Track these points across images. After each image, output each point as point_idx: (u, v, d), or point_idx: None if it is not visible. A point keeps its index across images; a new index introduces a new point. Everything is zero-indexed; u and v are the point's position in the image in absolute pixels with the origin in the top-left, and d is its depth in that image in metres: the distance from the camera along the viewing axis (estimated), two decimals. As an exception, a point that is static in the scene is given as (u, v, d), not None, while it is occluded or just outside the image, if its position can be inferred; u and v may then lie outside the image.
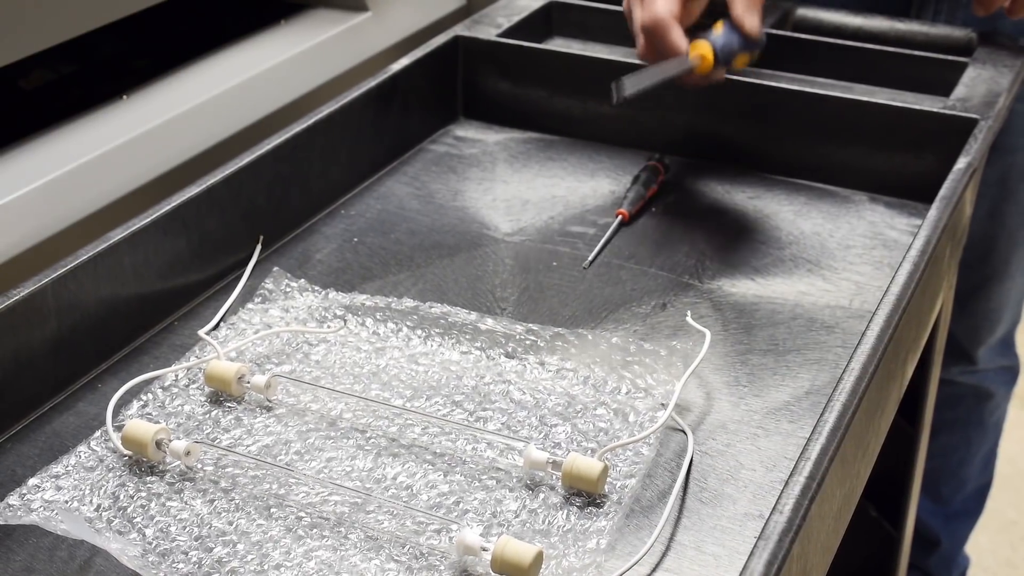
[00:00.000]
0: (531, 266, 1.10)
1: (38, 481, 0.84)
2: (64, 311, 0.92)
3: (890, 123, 1.19)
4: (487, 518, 0.81)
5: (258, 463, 0.85)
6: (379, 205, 1.19)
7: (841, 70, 1.34)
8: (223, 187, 1.05)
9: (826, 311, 1.03)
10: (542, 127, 1.33)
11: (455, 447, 0.87)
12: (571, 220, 1.17)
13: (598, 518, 0.81)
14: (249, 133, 1.29)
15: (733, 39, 1.14)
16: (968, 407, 1.75)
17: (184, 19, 1.48)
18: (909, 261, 0.95)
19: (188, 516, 0.81)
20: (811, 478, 0.74)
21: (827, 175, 1.22)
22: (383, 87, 1.23)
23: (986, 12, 1.28)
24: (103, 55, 1.49)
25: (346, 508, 0.81)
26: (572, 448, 0.87)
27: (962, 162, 1.09)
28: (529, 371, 0.95)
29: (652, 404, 0.91)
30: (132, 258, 0.97)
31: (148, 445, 0.84)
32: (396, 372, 0.95)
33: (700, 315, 1.02)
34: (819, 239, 1.14)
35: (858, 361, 0.84)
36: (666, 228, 1.16)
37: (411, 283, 1.07)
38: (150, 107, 1.27)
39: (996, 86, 1.23)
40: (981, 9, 1.28)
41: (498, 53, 1.33)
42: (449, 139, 1.32)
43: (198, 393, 0.92)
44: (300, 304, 1.02)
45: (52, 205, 1.11)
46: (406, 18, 1.55)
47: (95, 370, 0.95)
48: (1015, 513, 2.30)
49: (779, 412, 0.91)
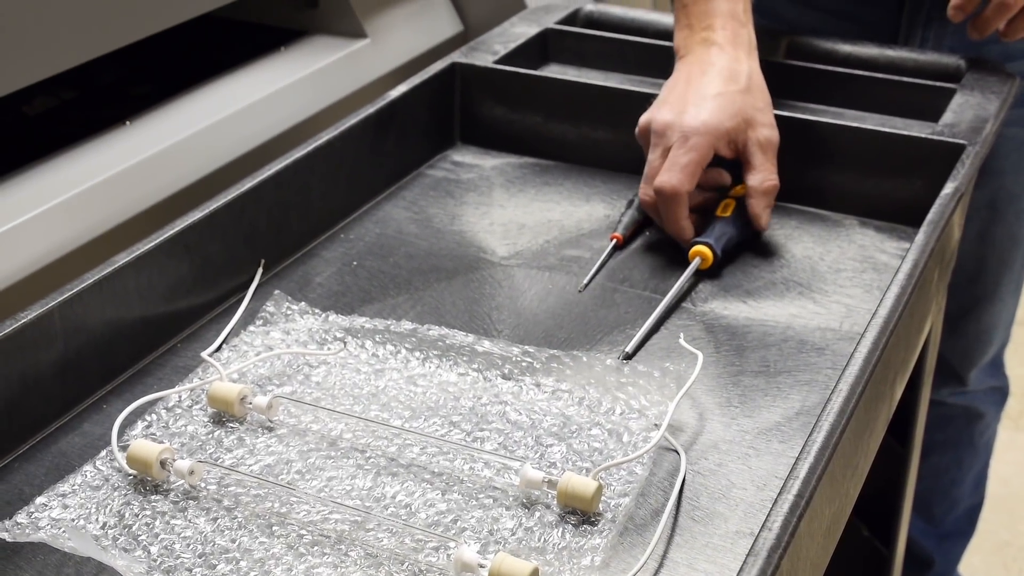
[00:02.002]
0: (527, 289, 1.12)
1: (45, 500, 0.85)
2: (70, 333, 0.93)
3: (880, 148, 1.21)
4: (484, 536, 0.83)
5: (260, 482, 0.86)
6: (378, 229, 1.21)
7: (832, 96, 1.36)
8: (225, 212, 1.07)
9: (816, 333, 1.05)
10: (538, 152, 1.34)
11: (453, 466, 0.89)
12: (566, 244, 1.19)
13: (593, 536, 0.83)
14: (250, 159, 1.31)
15: (731, 233, 1.15)
16: (959, 428, 1.77)
17: (185, 46, 1.50)
18: (897, 284, 0.97)
19: (192, 534, 0.82)
20: (799, 496, 0.76)
21: (818, 199, 1.24)
22: (382, 113, 1.25)
23: (981, 35, 1.30)
24: (105, 81, 1.50)
25: (346, 526, 0.83)
26: (567, 467, 0.88)
27: (949, 187, 1.11)
28: (525, 392, 0.97)
29: (646, 424, 0.93)
30: (136, 281, 0.99)
31: (153, 465, 0.86)
32: (395, 393, 0.96)
33: (693, 337, 1.04)
34: (810, 262, 1.16)
35: (846, 382, 0.86)
36: (659, 251, 1.17)
37: (409, 306, 1.09)
38: (152, 133, 1.28)
39: (983, 112, 1.25)
40: (976, 32, 1.30)
41: (495, 80, 1.35)
42: (447, 164, 1.34)
43: (201, 414, 0.94)
44: (301, 327, 1.04)
45: (57, 229, 1.12)
46: (404, 45, 1.57)
47: (100, 391, 0.97)
48: (1008, 534, 2.31)
49: (770, 432, 0.93)
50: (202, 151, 1.28)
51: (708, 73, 1.18)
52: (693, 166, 1.14)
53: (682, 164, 1.14)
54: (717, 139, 1.15)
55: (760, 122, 1.17)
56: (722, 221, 1.15)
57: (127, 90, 1.51)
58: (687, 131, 1.14)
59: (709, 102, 1.16)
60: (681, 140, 1.15)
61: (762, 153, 1.17)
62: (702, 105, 1.16)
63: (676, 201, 1.14)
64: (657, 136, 1.17)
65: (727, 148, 1.16)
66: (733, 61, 1.19)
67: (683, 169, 1.14)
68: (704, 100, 1.16)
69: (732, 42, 1.20)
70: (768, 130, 1.18)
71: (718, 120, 1.15)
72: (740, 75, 1.18)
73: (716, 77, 1.18)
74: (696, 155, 1.14)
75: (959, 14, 1.30)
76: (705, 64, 1.19)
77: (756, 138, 1.17)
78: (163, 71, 1.50)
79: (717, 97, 1.16)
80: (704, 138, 1.14)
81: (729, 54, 1.20)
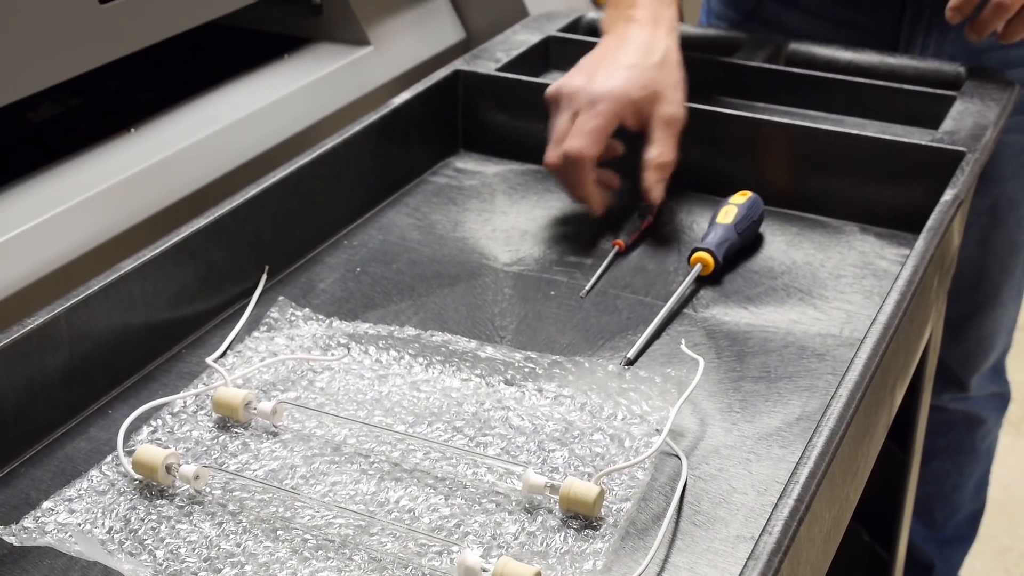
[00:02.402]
0: (529, 295, 1.12)
1: (52, 504, 0.86)
2: (76, 339, 0.94)
3: (880, 155, 1.21)
4: (487, 540, 0.83)
5: (265, 487, 0.87)
6: (381, 236, 1.22)
7: (832, 103, 1.37)
8: (230, 219, 1.08)
9: (817, 339, 1.05)
10: (540, 159, 1.34)
11: (456, 471, 0.89)
12: (568, 250, 1.19)
13: (595, 540, 0.83)
14: (254, 165, 1.32)
15: (732, 239, 1.16)
16: (960, 433, 1.77)
17: (190, 53, 1.50)
18: (896, 291, 0.97)
19: (197, 538, 0.83)
20: (799, 500, 0.77)
21: (819, 206, 1.25)
22: (385, 120, 1.26)
23: (979, 37, 1.31)
24: (110, 88, 1.51)
25: (350, 530, 0.84)
26: (569, 472, 0.89)
27: (949, 194, 1.12)
28: (528, 398, 0.97)
29: (647, 430, 0.94)
30: (142, 288, 1.00)
31: (158, 469, 0.86)
32: (398, 399, 0.97)
33: (694, 343, 1.05)
34: (811, 269, 1.16)
35: (846, 388, 0.86)
36: (661, 258, 1.18)
37: (412, 312, 1.10)
38: (157, 140, 1.29)
39: (983, 119, 1.25)
40: (974, 34, 1.31)
41: (497, 87, 1.36)
42: (449, 171, 1.35)
43: (206, 419, 0.95)
44: (305, 332, 1.05)
45: (62, 236, 1.13)
46: (407, 52, 1.57)
47: (106, 397, 0.98)
48: (1010, 539, 2.32)
49: (771, 437, 0.93)
50: (207, 158, 1.29)
51: (624, 46, 1.21)
52: (599, 131, 1.16)
53: (588, 129, 1.16)
54: (623, 107, 1.17)
55: (668, 98, 1.19)
56: (723, 227, 1.16)
57: (132, 97, 1.52)
58: (595, 97, 1.17)
59: (620, 71, 1.18)
60: (589, 105, 1.17)
61: (664, 128, 1.19)
62: (613, 73, 1.18)
63: (582, 165, 1.17)
64: (566, 100, 1.19)
65: (632, 118, 1.18)
66: (651, 37, 1.21)
67: (589, 134, 1.16)
68: (616, 69, 1.19)
69: (652, 20, 1.23)
70: (674, 107, 1.19)
71: (625, 89, 1.17)
72: (656, 50, 1.20)
73: (632, 50, 1.20)
74: (602, 121, 1.16)
75: (957, 15, 1.30)
76: (623, 38, 1.22)
77: (661, 112, 1.19)
78: (168, 78, 1.51)
79: (629, 68, 1.18)
80: (611, 104, 1.16)
81: (648, 31, 1.22)
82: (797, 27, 1.54)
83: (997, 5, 1.28)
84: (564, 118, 1.19)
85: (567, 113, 1.19)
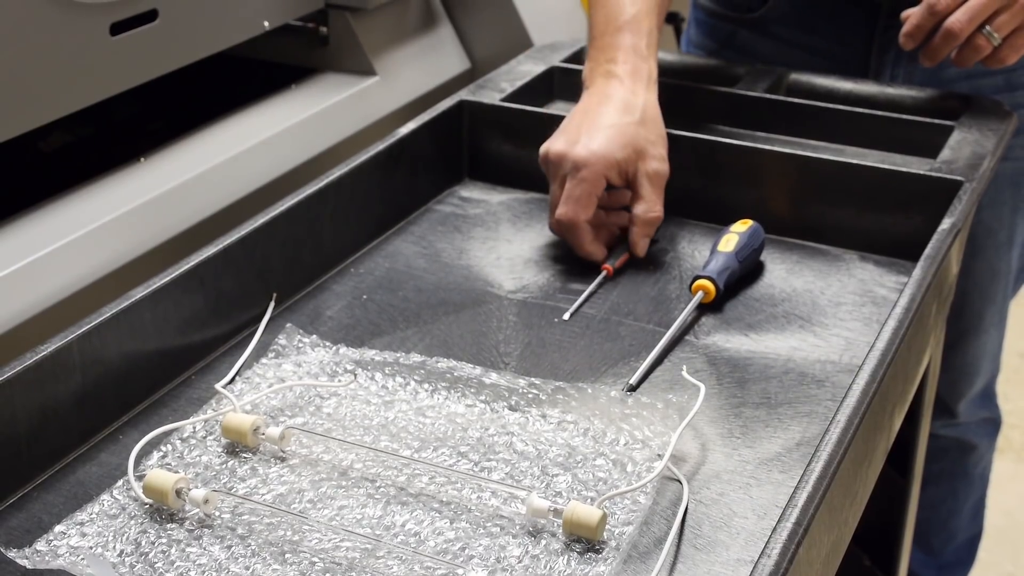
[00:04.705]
0: (533, 322, 1.14)
1: (64, 528, 0.87)
2: (88, 366, 0.95)
3: (879, 184, 1.23)
4: (492, 563, 0.84)
5: (273, 511, 0.88)
6: (387, 264, 1.23)
7: (832, 133, 1.38)
8: (239, 247, 1.09)
9: (817, 366, 1.07)
10: (544, 188, 1.35)
11: (461, 496, 0.91)
12: (572, 278, 1.21)
13: (597, 563, 0.84)
14: (262, 194, 1.33)
15: (734, 267, 1.17)
16: (953, 459, 1.78)
17: (198, 84, 1.52)
18: (894, 318, 0.99)
19: (207, 561, 0.84)
20: (798, 524, 0.78)
21: (819, 234, 1.26)
22: (391, 150, 1.27)
23: (932, 63, 1.34)
24: (120, 118, 1.53)
25: (357, 554, 0.85)
26: (572, 497, 0.90)
27: (947, 223, 1.13)
28: (531, 423, 0.98)
29: (649, 455, 0.95)
30: (152, 315, 1.01)
31: (168, 494, 0.88)
32: (404, 424, 0.98)
33: (695, 369, 1.06)
34: (811, 296, 1.17)
35: (844, 414, 0.88)
36: (663, 285, 1.20)
37: (418, 339, 1.11)
38: (167, 169, 1.30)
39: (981, 149, 1.27)
40: (927, 60, 1.34)
41: (502, 117, 1.38)
42: (454, 200, 1.36)
43: (215, 444, 0.96)
44: (312, 359, 1.06)
45: (74, 264, 1.15)
46: (413, 82, 1.59)
47: (117, 422, 0.99)
48: (1012, 566, 2.32)
49: (771, 463, 0.95)
50: (215, 187, 1.30)
51: (604, 104, 1.23)
52: (586, 198, 1.19)
53: (576, 196, 1.19)
54: (608, 168, 1.19)
55: (651, 154, 1.21)
56: (724, 255, 1.17)
57: (142, 127, 1.53)
58: (578, 162, 1.19)
59: (601, 132, 1.20)
60: (573, 171, 1.19)
61: (650, 184, 1.21)
62: (594, 135, 1.20)
63: (576, 230, 1.20)
64: (553, 166, 1.22)
65: (618, 177, 1.21)
66: (630, 94, 1.23)
67: (577, 201, 1.19)
68: (597, 130, 1.20)
69: (632, 75, 1.24)
70: (658, 163, 1.22)
71: (608, 150, 1.19)
72: (635, 108, 1.22)
73: (612, 109, 1.22)
74: (587, 186, 1.19)
75: (909, 42, 1.34)
76: (603, 96, 1.24)
77: (646, 169, 1.21)
78: (177, 108, 1.52)
79: (610, 128, 1.20)
80: (594, 169, 1.19)
81: (627, 87, 1.23)
82: (770, 55, 1.57)
83: (946, 33, 1.30)
84: (555, 184, 1.22)
85: (557, 179, 1.22)
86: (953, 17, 1.30)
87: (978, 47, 1.31)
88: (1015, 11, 1.29)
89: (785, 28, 1.56)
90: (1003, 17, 1.29)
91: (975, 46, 1.31)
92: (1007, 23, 1.30)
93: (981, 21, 1.29)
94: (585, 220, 1.20)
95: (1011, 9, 1.29)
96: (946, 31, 1.30)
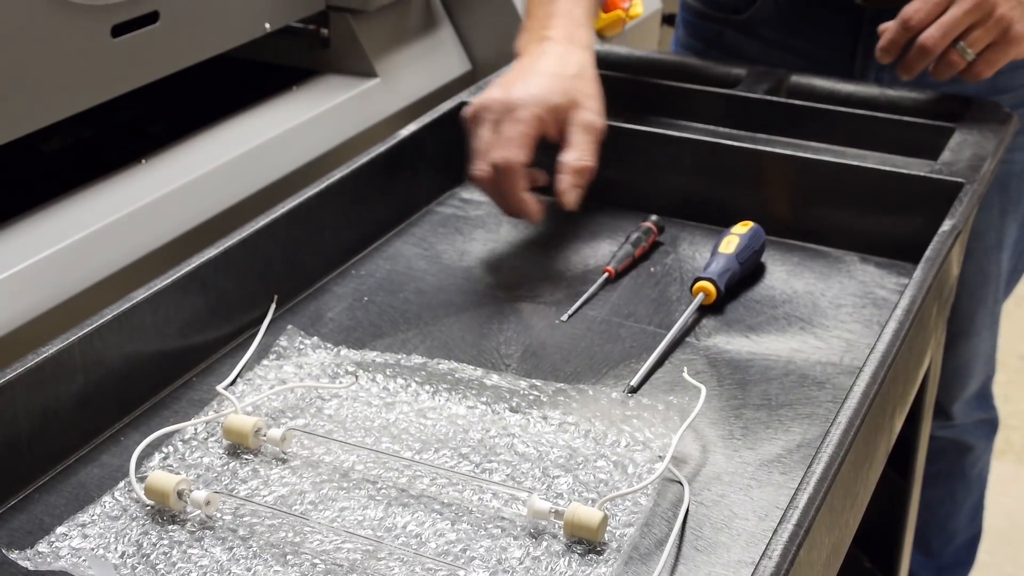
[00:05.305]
0: (534, 324, 1.14)
1: (66, 529, 0.87)
2: (89, 367, 0.95)
3: (880, 186, 1.23)
4: (493, 565, 0.85)
5: (274, 512, 0.88)
6: (388, 265, 1.23)
7: (833, 134, 1.38)
8: (239, 249, 1.09)
9: (817, 367, 1.07)
10: (544, 189, 1.36)
11: (462, 497, 0.91)
12: (573, 279, 1.21)
13: (598, 565, 0.85)
14: (263, 196, 1.33)
15: (735, 269, 1.17)
16: (950, 461, 1.78)
17: (199, 85, 1.52)
18: (895, 320, 0.99)
19: (208, 563, 0.84)
20: (799, 525, 0.78)
21: (819, 236, 1.26)
22: (392, 152, 1.27)
23: (910, 76, 1.34)
24: (121, 120, 1.53)
25: (359, 555, 0.85)
26: (573, 498, 0.90)
27: (947, 225, 1.13)
28: (532, 425, 0.99)
29: (650, 456, 0.95)
30: (153, 317, 1.01)
31: (170, 495, 0.88)
32: (405, 426, 0.98)
33: (696, 371, 1.06)
34: (811, 298, 1.18)
35: (845, 415, 0.88)
36: (664, 287, 1.20)
37: (419, 340, 1.11)
38: (168, 171, 1.30)
39: (981, 151, 1.27)
40: (904, 73, 1.35)
41: (502, 118, 1.37)
42: (455, 201, 1.36)
43: (216, 446, 0.96)
44: (313, 361, 1.06)
45: (75, 265, 1.15)
46: (414, 84, 1.59)
47: (118, 424, 0.99)
48: (1013, 568, 2.32)
49: (771, 464, 0.95)
50: (216, 189, 1.30)
51: (540, 60, 1.21)
52: (524, 138, 1.15)
53: (513, 136, 1.15)
54: (544, 111, 1.16)
55: (587, 106, 1.18)
56: (725, 257, 1.17)
57: (143, 128, 1.53)
58: (513, 104, 1.16)
59: (538, 79, 1.18)
60: (508, 113, 1.16)
61: (583, 132, 1.18)
62: (531, 81, 1.18)
63: (513, 174, 1.15)
64: (486, 111, 1.18)
65: (553, 125, 1.17)
66: (566, 53, 1.21)
67: (514, 141, 1.15)
68: (533, 77, 1.18)
69: (567, 39, 1.23)
70: (593, 115, 1.18)
71: (544, 94, 1.16)
72: (571, 64, 1.20)
73: (548, 62, 1.20)
74: (524, 127, 1.15)
75: (886, 56, 1.35)
76: (537, 55, 1.22)
77: (579, 118, 1.18)
78: (178, 110, 1.52)
79: (547, 76, 1.18)
80: (531, 109, 1.15)
81: (562, 47, 1.22)
82: (756, 56, 1.57)
83: (920, 48, 1.32)
84: (486, 129, 1.18)
85: (488, 124, 1.17)
86: (926, 33, 1.31)
87: (952, 63, 1.32)
88: (988, 26, 1.29)
89: (771, 30, 1.56)
90: (977, 32, 1.30)
91: (949, 61, 1.32)
92: (981, 38, 1.30)
93: (955, 36, 1.30)
94: (521, 163, 1.15)
95: (985, 25, 1.29)
96: (920, 47, 1.31)
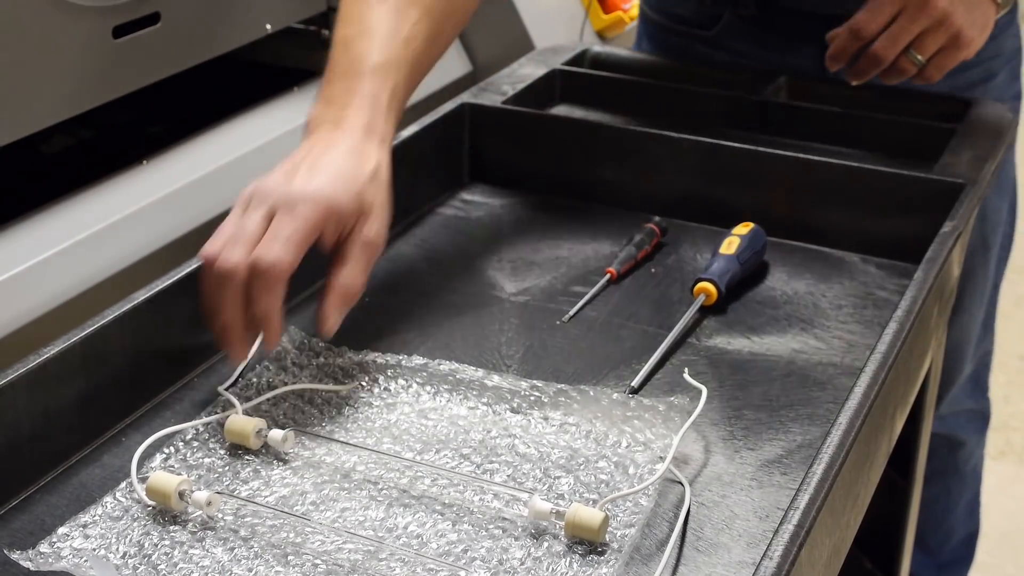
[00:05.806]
0: (535, 325, 1.14)
1: (67, 530, 0.87)
2: (91, 368, 0.95)
3: (880, 187, 1.23)
4: (494, 565, 0.85)
5: (276, 513, 0.88)
6: (389, 266, 1.23)
7: (834, 136, 1.38)
8: (241, 249, 1.09)
9: (818, 368, 1.07)
10: (546, 190, 1.37)
11: (463, 498, 0.91)
12: (574, 280, 1.21)
13: (599, 566, 0.85)
14: (264, 197, 1.33)
15: (735, 269, 1.17)
16: (942, 458, 1.77)
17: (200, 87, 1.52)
18: (896, 321, 0.99)
19: (210, 563, 0.84)
20: (799, 526, 0.78)
21: (820, 237, 1.26)
22: (393, 153, 1.26)
23: (859, 81, 1.36)
24: (122, 121, 1.53)
25: (360, 556, 0.85)
26: (575, 499, 0.91)
27: (948, 225, 1.13)
28: (534, 425, 0.99)
29: (651, 457, 0.95)
30: (155, 317, 1.01)
31: (171, 496, 0.88)
32: (407, 427, 0.99)
33: (697, 372, 1.06)
34: (812, 299, 1.18)
35: (845, 416, 0.88)
36: (665, 288, 1.20)
37: (420, 341, 1.11)
38: (169, 172, 1.30)
39: (982, 151, 1.27)
40: (854, 79, 1.36)
41: (504, 119, 1.38)
42: (457, 202, 1.36)
43: (218, 446, 0.96)
44: (315, 361, 1.06)
45: (77, 266, 1.15)
46: (414, 85, 1.59)
47: (120, 424, 0.99)
48: (1014, 569, 2.32)
49: (772, 465, 0.95)
50: (218, 190, 1.31)
51: (330, 152, 1.02)
52: (300, 241, 0.95)
53: (287, 235, 0.95)
54: (329, 215, 0.97)
55: (374, 217, 1.01)
56: (726, 258, 1.17)
57: (144, 130, 1.54)
58: (295, 197, 0.97)
59: (327, 173, 0.99)
60: (287, 206, 0.96)
61: (361, 251, 1.01)
62: (317, 174, 0.99)
63: (273, 280, 0.95)
64: (258, 199, 0.98)
65: (332, 233, 0.99)
66: (363, 148, 1.03)
67: (288, 242, 0.95)
68: (322, 170, 0.99)
69: (365, 129, 1.04)
70: (377, 230, 1.02)
71: (334, 194, 0.98)
72: (367, 163, 1.02)
73: (341, 155, 1.01)
74: (303, 225, 0.96)
75: (835, 63, 1.36)
76: (328, 143, 1.03)
77: (363, 233, 1.00)
78: (179, 111, 1.53)
79: (337, 174, 0.99)
80: (315, 208, 0.96)
81: (359, 140, 1.03)
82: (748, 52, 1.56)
83: (871, 57, 1.33)
84: (254, 216, 0.97)
85: (259, 211, 0.97)
86: (878, 43, 1.32)
87: (903, 69, 1.33)
88: (938, 33, 1.30)
89: (739, 43, 1.55)
90: (927, 39, 1.31)
91: (900, 68, 1.33)
92: (931, 44, 1.31)
93: (905, 44, 1.31)
94: (287, 271, 0.95)
95: (934, 32, 1.30)
96: (871, 56, 1.32)
